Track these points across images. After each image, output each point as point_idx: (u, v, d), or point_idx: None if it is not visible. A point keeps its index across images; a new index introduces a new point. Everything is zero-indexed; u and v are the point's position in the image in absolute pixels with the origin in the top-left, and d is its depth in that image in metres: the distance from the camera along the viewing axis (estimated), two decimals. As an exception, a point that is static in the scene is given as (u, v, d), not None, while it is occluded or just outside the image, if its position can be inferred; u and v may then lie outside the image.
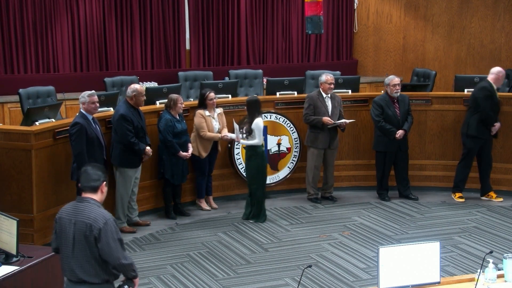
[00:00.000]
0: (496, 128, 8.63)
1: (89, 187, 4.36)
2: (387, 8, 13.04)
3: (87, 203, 4.33)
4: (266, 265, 6.92)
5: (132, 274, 4.40)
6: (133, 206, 8.01)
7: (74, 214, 4.31)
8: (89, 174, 4.38)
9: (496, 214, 8.45)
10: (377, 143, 8.91)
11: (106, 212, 4.34)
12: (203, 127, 8.29)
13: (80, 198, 4.37)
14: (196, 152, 8.33)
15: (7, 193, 7.16)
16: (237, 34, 12.25)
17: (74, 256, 4.29)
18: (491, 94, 8.56)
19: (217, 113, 8.46)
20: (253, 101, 8.11)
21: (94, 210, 4.29)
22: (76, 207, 4.35)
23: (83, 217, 4.27)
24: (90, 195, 4.37)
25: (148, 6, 11.50)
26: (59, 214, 4.41)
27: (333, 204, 8.91)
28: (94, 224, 4.23)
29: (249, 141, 8.01)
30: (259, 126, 7.97)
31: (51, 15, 10.85)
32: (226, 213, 8.55)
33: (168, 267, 6.87)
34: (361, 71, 13.18)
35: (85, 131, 6.99)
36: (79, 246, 4.27)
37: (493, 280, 4.58)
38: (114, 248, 4.25)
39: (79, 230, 4.26)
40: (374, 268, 6.64)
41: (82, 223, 4.25)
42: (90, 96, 7.13)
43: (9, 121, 10.09)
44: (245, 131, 8.04)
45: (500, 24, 12.36)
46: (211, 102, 8.34)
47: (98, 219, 4.24)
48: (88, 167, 4.44)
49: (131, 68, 11.49)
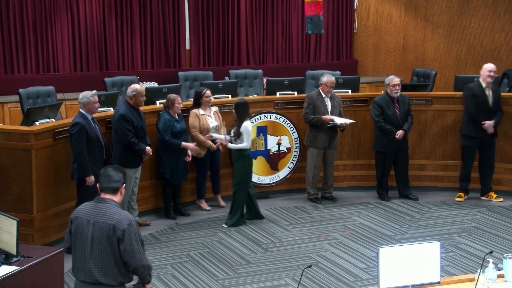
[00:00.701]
0: (487, 126, 8.61)
1: (110, 188, 4.34)
2: (387, 8, 13.04)
3: (108, 204, 4.31)
4: (266, 265, 6.92)
5: (148, 278, 4.40)
6: (133, 206, 8.01)
7: (94, 214, 4.28)
8: (110, 175, 4.35)
9: (496, 214, 8.45)
10: (377, 143, 8.91)
11: (128, 213, 4.35)
12: (195, 126, 8.29)
13: (100, 199, 4.34)
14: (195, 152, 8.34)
15: (7, 193, 7.15)
16: (237, 34, 12.25)
17: (92, 257, 4.26)
18: (473, 93, 8.63)
19: (213, 111, 8.46)
20: (241, 103, 8.00)
21: (116, 211, 4.28)
22: (95, 207, 4.32)
23: (106, 218, 4.24)
24: (110, 196, 4.34)
25: (148, 6, 11.50)
26: (75, 214, 4.38)
27: (333, 204, 8.91)
28: (118, 225, 4.21)
29: (238, 144, 7.92)
30: (247, 129, 7.88)
31: (51, 15, 10.85)
32: (226, 213, 8.55)
33: (168, 267, 6.87)
34: (361, 71, 13.18)
35: (85, 131, 6.99)
36: (98, 247, 4.24)
37: (493, 280, 4.58)
38: (137, 249, 4.25)
39: (100, 231, 4.23)
40: (374, 268, 6.64)
41: (105, 223, 4.23)
42: (94, 96, 7.12)
43: (9, 121, 10.09)
44: (234, 134, 7.92)
45: (500, 24, 12.36)
46: (207, 99, 8.32)
47: (122, 220, 4.23)
48: (109, 168, 4.41)
49: (131, 68, 11.49)
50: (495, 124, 8.63)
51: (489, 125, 8.60)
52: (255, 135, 9.00)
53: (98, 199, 4.35)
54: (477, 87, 8.67)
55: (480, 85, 8.66)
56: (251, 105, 9.06)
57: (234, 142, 7.95)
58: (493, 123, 8.60)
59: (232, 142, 7.97)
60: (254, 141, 9.01)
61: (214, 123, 8.38)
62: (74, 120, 7.09)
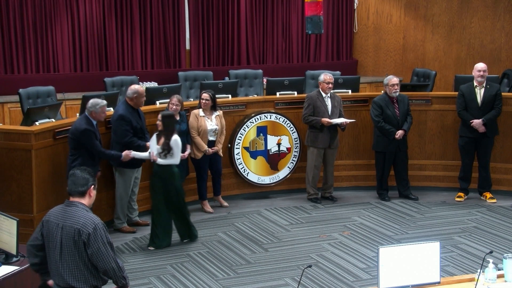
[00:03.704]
0: (475, 124, 8.60)
1: (76, 192, 4.32)
2: (387, 8, 13.05)
3: (75, 207, 4.28)
4: (266, 265, 6.92)
5: (122, 282, 4.32)
6: (133, 206, 8.01)
7: (63, 218, 4.26)
8: (77, 178, 4.32)
9: (496, 214, 8.45)
10: (376, 143, 8.91)
11: (95, 217, 4.29)
12: (193, 127, 8.28)
13: (69, 202, 4.33)
14: (192, 154, 8.32)
15: (7, 193, 7.15)
16: (237, 34, 12.25)
17: (62, 260, 4.24)
18: (462, 93, 8.73)
19: (215, 115, 8.41)
20: (168, 116, 7.36)
21: (82, 215, 4.24)
22: (64, 211, 4.30)
23: (72, 221, 4.22)
24: (78, 199, 4.32)
25: (148, 6, 11.51)
26: (46, 217, 4.36)
27: (333, 204, 8.91)
28: (83, 229, 4.18)
29: (168, 160, 7.27)
30: (178, 143, 7.30)
31: (51, 15, 10.85)
32: (226, 213, 8.55)
33: (168, 267, 6.87)
34: (361, 71, 13.18)
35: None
36: (67, 251, 4.22)
37: (493, 280, 4.58)
38: (105, 252, 4.20)
39: (67, 235, 4.21)
40: (374, 268, 6.64)
41: (71, 227, 4.21)
42: (102, 107, 7.22)
43: (9, 121, 10.09)
44: (164, 149, 7.26)
45: (500, 24, 12.36)
46: (203, 102, 8.28)
47: (87, 224, 4.19)
48: (77, 171, 4.37)
49: (131, 68, 11.49)
50: (485, 122, 8.60)
51: (476, 124, 8.60)
52: (255, 135, 9.00)
53: (68, 202, 4.33)
54: (468, 87, 8.75)
55: (471, 85, 8.73)
56: (251, 105, 9.09)
57: (163, 157, 7.26)
58: (481, 121, 8.60)
59: (161, 157, 7.27)
60: (254, 141, 9.02)
61: (213, 126, 8.33)
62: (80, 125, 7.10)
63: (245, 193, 9.13)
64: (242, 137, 8.92)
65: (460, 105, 8.75)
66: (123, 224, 7.87)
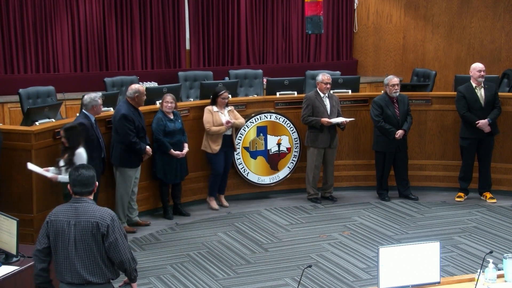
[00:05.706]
0: (481, 125, 8.60)
1: (86, 192, 4.38)
2: (387, 8, 13.04)
3: (86, 203, 4.34)
4: (266, 265, 6.92)
5: (134, 274, 4.44)
6: (133, 206, 8.01)
7: (74, 215, 4.30)
8: (84, 178, 4.36)
9: (496, 214, 8.45)
10: (376, 143, 8.91)
11: (109, 209, 4.39)
12: (208, 121, 8.33)
13: (76, 199, 4.36)
14: (208, 149, 8.35)
15: (7, 193, 7.15)
16: (237, 34, 12.25)
17: (77, 257, 4.27)
18: (463, 94, 8.69)
19: (227, 110, 8.47)
20: (71, 128, 6.71)
21: (96, 209, 4.33)
22: (74, 208, 4.33)
23: (87, 216, 4.28)
24: (86, 196, 4.39)
25: (148, 6, 11.51)
26: (52, 217, 4.37)
27: (333, 204, 8.91)
28: (101, 221, 4.25)
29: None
30: (82, 156, 6.60)
31: (51, 15, 10.85)
32: (226, 213, 8.55)
33: (168, 267, 6.88)
34: (361, 71, 13.18)
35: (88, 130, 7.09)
36: (82, 247, 4.26)
37: (493, 280, 4.58)
38: (122, 243, 4.30)
39: (83, 231, 4.26)
40: (374, 268, 6.64)
41: (87, 222, 4.26)
42: (100, 98, 7.23)
43: (9, 121, 10.10)
44: (65, 164, 6.60)
45: (500, 24, 12.36)
46: (223, 101, 8.39)
47: (105, 216, 4.28)
48: (82, 170, 4.41)
49: (131, 68, 11.49)
50: (490, 122, 8.62)
51: (483, 124, 8.60)
52: (255, 135, 9.00)
53: (75, 199, 4.37)
54: (467, 88, 8.72)
55: (470, 85, 8.69)
56: (251, 105, 9.09)
57: (65, 173, 6.54)
58: (487, 121, 8.60)
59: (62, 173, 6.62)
60: (254, 141, 9.02)
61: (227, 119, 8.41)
62: (77, 121, 7.08)
63: (245, 193, 9.13)
64: (242, 137, 8.92)
65: (463, 106, 8.69)
66: (123, 224, 7.87)
